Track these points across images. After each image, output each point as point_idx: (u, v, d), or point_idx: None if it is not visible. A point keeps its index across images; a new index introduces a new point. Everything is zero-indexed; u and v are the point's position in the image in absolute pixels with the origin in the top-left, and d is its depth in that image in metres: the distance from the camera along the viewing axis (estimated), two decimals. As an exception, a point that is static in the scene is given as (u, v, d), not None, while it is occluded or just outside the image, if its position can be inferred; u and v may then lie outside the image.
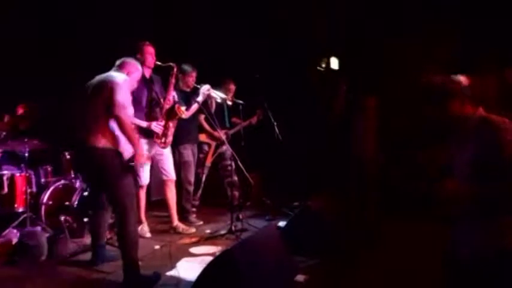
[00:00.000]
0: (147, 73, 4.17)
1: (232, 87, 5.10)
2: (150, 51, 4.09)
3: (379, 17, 5.96)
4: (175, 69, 4.18)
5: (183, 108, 4.19)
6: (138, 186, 4.18)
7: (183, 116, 4.22)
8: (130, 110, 3.18)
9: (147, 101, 4.14)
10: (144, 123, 4.05)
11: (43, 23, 5.02)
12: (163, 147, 4.21)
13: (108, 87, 2.98)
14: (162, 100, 4.15)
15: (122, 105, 2.96)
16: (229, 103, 4.93)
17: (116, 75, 3.13)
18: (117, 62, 3.36)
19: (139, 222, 4.26)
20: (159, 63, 4.10)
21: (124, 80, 3.10)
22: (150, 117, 4.13)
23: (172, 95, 4.17)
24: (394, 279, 3.07)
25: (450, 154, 2.00)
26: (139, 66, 3.45)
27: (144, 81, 4.12)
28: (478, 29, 5.44)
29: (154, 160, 4.30)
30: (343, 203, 4.47)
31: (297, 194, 5.39)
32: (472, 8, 5.41)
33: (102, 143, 2.98)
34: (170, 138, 4.23)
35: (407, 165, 5.29)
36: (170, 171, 4.36)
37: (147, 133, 4.10)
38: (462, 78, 1.97)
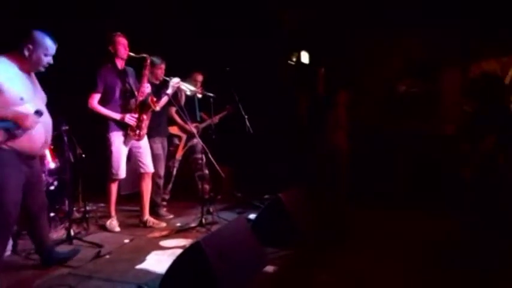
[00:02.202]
0: (120, 64, 4.11)
1: (200, 77, 5.07)
2: (122, 42, 4.03)
3: (351, 10, 6.05)
4: (148, 61, 4.13)
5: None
6: (112, 179, 4.13)
7: (157, 109, 4.19)
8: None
9: (120, 93, 4.08)
10: (117, 116, 4.01)
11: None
12: (138, 140, 4.16)
13: None
14: (136, 92, 4.10)
15: None
16: (199, 96, 4.91)
17: None
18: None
19: (109, 216, 4.22)
20: (132, 54, 4.04)
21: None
22: (124, 110, 4.07)
23: (146, 86, 4.13)
24: (364, 270, 3.15)
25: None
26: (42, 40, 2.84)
27: (117, 73, 4.07)
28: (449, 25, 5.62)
29: (131, 154, 4.23)
30: (313, 195, 4.54)
31: (268, 187, 5.44)
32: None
33: None
34: (144, 131, 4.19)
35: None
36: (148, 164, 4.31)
37: (122, 125, 4.05)
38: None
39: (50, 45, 2.83)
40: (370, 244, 3.82)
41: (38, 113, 2.71)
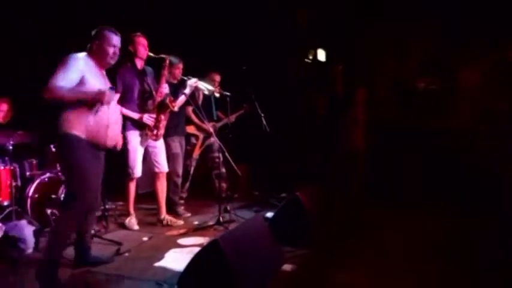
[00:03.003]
0: (139, 64, 4.15)
1: (217, 77, 5.09)
2: (142, 42, 4.07)
3: (367, 6, 6.00)
4: (167, 61, 4.15)
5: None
6: (130, 178, 4.18)
7: (175, 109, 4.21)
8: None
9: (139, 93, 4.12)
10: (136, 115, 4.05)
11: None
12: (155, 140, 4.20)
13: None
14: (154, 92, 4.13)
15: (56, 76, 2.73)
16: (217, 95, 4.92)
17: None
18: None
19: (128, 214, 4.27)
20: (151, 54, 4.08)
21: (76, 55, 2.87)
22: (142, 109, 4.11)
23: (164, 87, 4.16)
24: (381, 269, 3.12)
25: None
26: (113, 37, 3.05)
27: (136, 73, 4.11)
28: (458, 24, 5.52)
29: (146, 153, 4.27)
30: (330, 194, 4.51)
31: (285, 185, 5.43)
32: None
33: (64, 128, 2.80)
34: (162, 131, 4.22)
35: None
36: (163, 164, 4.35)
37: (140, 125, 4.09)
38: None
39: (113, 37, 3.03)
40: (388, 244, 3.78)
41: (112, 89, 2.94)
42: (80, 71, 2.84)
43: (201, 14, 6.17)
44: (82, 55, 2.95)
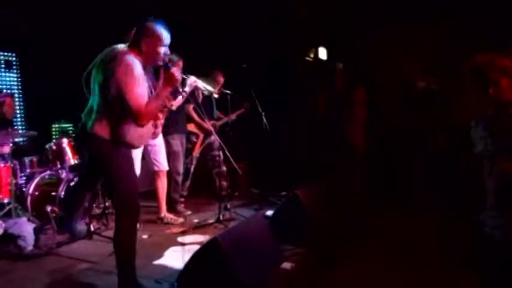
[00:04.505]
0: None
1: (221, 79, 5.09)
2: None
3: (368, 5, 5.98)
4: (167, 59, 4.13)
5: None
6: None
7: (173, 108, 4.21)
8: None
9: None
10: None
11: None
12: (153, 138, 4.18)
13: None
14: (153, 90, 4.12)
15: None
16: (216, 96, 4.91)
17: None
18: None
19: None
20: None
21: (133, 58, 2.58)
22: None
23: None
24: (381, 268, 3.11)
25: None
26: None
27: None
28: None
29: (145, 151, 4.27)
30: (330, 192, 4.50)
31: (285, 183, 5.42)
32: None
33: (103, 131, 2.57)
34: (160, 129, 4.19)
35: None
36: (163, 162, 4.35)
37: None
38: None
39: (164, 35, 2.69)
40: (388, 242, 3.77)
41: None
42: (144, 78, 2.60)
43: (201, 12, 6.16)
44: (133, 57, 2.58)
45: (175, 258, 3.28)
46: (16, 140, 4.22)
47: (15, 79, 5.30)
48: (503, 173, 1.90)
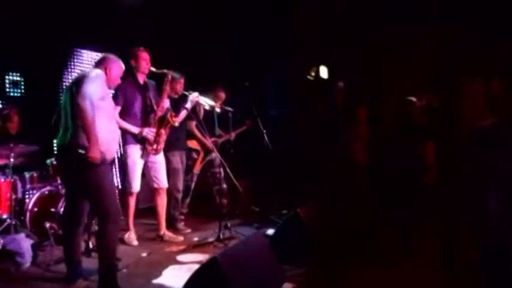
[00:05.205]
0: (141, 79, 4.16)
1: (222, 95, 5.11)
2: (144, 57, 4.08)
3: (369, 24, 6.03)
4: (169, 77, 4.17)
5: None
6: (128, 193, 4.16)
7: (176, 124, 4.21)
8: (111, 109, 3.21)
9: (142, 107, 4.13)
10: (136, 129, 4.04)
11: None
12: (155, 154, 4.19)
13: (80, 82, 2.89)
14: (155, 107, 4.14)
15: (86, 96, 2.82)
16: (218, 110, 4.92)
17: (90, 71, 3.04)
18: (97, 59, 3.30)
19: (127, 229, 4.23)
20: (153, 69, 4.10)
21: (97, 74, 2.99)
22: (143, 124, 4.12)
23: (166, 102, 4.17)
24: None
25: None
26: (120, 63, 3.28)
27: (137, 87, 4.12)
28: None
29: (146, 167, 4.26)
30: (332, 211, 4.47)
31: (286, 202, 5.39)
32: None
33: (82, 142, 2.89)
34: (162, 146, 4.22)
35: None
36: (162, 180, 4.33)
37: (140, 139, 4.09)
38: None
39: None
40: (390, 261, 3.72)
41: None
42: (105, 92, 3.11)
43: (202, 30, 6.22)
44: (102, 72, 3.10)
45: (174, 277, 3.24)
46: (17, 154, 4.20)
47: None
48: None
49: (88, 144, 2.82)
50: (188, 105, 4.38)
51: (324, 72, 6.94)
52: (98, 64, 3.19)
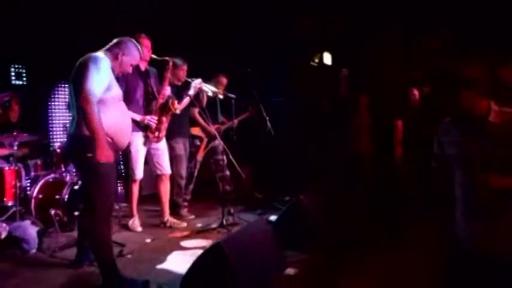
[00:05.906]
0: (143, 66, 4.15)
1: (224, 80, 5.09)
2: (146, 43, 4.04)
3: (373, 11, 5.97)
4: (170, 64, 4.15)
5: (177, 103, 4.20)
6: (132, 180, 4.19)
7: (177, 112, 4.21)
8: (119, 96, 2.83)
9: (143, 94, 4.12)
10: (138, 117, 4.04)
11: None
12: (157, 142, 4.20)
13: (79, 76, 2.58)
14: (156, 94, 4.13)
15: (89, 96, 2.53)
16: (221, 97, 4.91)
17: (90, 57, 2.65)
18: (114, 41, 2.91)
19: (131, 215, 4.27)
20: (154, 56, 4.08)
21: (98, 61, 2.63)
22: (145, 111, 4.12)
23: (167, 89, 4.15)
24: (384, 274, 3.09)
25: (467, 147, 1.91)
26: (138, 53, 2.96)
27: (139, 74, 4.11)
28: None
29: (148, 154, 4.28)
30: (334, 198, 4.48)
31: (289, 188, 5.41)
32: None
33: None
34: (163, 133, 4.23)
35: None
36: (165, 166, 4.34)
37: (142, 126, 4.09)
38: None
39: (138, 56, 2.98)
40: (391, 248, 3.74)
41: None
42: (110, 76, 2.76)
43: (204, 15, 6.17)
44: (104, 56, 2.77)
45: (178, 262, 3.27)
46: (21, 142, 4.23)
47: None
48: (472, 182, 1.87)
49: (96, 149, 2.56)
50: (191, 92, 4.37)
51: (327, 58, 6.89)
52: (114, 46, 2.86)
